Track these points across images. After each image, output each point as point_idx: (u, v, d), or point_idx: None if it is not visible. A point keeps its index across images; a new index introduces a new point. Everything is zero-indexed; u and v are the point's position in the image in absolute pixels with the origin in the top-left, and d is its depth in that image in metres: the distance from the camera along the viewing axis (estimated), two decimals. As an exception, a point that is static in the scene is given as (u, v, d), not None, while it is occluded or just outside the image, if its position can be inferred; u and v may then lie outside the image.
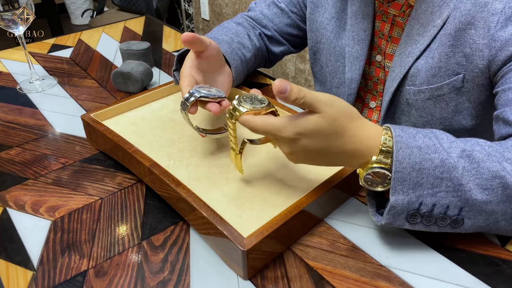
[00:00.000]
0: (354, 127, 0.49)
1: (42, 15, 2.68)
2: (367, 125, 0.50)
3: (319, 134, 0.48)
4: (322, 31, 0.84)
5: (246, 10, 0.89)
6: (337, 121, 0.48)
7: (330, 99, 0.48)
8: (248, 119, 0.51)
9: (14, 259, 0.54)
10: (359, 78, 0.80)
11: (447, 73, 0.67)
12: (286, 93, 0.46)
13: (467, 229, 0.51)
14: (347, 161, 0.51)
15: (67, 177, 0.67)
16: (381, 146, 0.49)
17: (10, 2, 0.82)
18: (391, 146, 0.49)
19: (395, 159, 0.48)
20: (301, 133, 0.48)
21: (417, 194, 0.48)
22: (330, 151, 0.50)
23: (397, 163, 0.48)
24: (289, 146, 0.50)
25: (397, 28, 0.74)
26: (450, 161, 0.48)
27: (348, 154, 0.50)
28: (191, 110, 0.59)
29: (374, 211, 0.53)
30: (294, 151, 0.51)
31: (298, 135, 0.48)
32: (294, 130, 0.48)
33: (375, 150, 0.49)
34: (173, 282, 0.50)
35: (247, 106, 0.52)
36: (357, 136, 0.49)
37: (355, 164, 0.51)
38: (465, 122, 0.71)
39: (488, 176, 0.48)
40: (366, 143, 0.49)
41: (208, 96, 0.59)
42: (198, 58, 0.64)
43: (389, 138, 0.49)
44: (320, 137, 0.48)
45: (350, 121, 0.49)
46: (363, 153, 0.50)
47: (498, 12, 0.61)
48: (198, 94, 0.59)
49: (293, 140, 0.49)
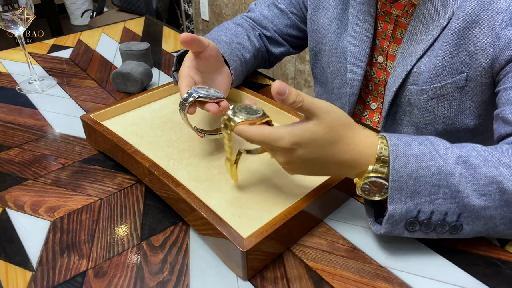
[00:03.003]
0: (350, 136, 0.49)
1: (42, 15, 2.68)
2: (363, 134, 0.50)
3: (316, 143, 0.48)
4: (324, 32, 0.84)
5: (245, 11, 0.89)
6: (334, 129, 0.48)
7: (328, 106, 0.48)
8: (244, 129, 0.50)
9: (13, 259, 0.54)
10: (360, 79, 0.80)
11: (451, 72, 0.67)
12: (284, 95, 0.45)
13: (466, 235, 0.51)
14: (343, 170, 0.51)
15: (67, 178, 0.67)
16: (377, 155, 0.49)
17: (10, 2, 0.82)
18: (387, 155, 0.49)
19: (391, 168, 0.48)
20: (297, 142, 0.48)
21: (415, 202, 0.48)
22: (326, 161, 0.50)
23: (394, 172, 0.47)
24: (285, 156, 0.50)
25: (400, 28, 0.74)
26: (447, 168, 0.48)
27: (344, 164, 0.50)
28: (189, 111, 0.59)
29: (372, 220, 0.53)
30: (290, 161, 0.50)
31: (294, 145, 0.48)
32: (290, 140, 0.48)
33: (371, 160, 0.49)
34: (173, 283, 0.50)
35: (242, 116, 0.51)
36: (353, 145, 0.49)
37: (352, 173, 0.51)
38: (468, 121, 0.71)
39: (485, 181, 0.48)
40: (362, 153, 0.49)
41: (206, 96, 0.59)
42: (197, 58, 0.64)
43: (384, 147, 0.49)
44: (317, 146, 0.48)
45: (347, 130, 0.49)
46: (359, 162, 0.50)
47: (503, 11, 0.61)
48: (197, 94, 0.59)
49: (289, 150, 0.49)
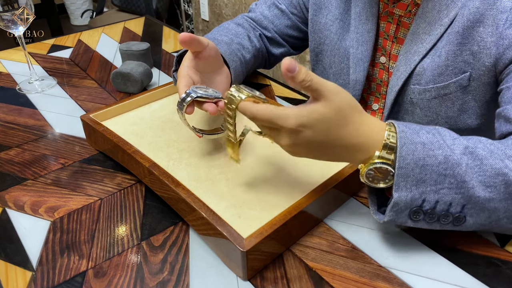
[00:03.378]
0: (358, 120, 0.48)
1: (42, 15, 2.68)
2: (371, 120, 0.50)
3: (323, 125, 0.47)
4: (326, 32, 0.84)
5: (246, 11, 0.89)
6: (342, 111, 0.47)
7: (337, 88, 0.47)
8: (249, 106, 0.49)
9: (13, 259, 0.54)
10: (363, 79, 0.80)
11: (454, 71, 0.67)
12: (294, 72, 0.44)
13: (469, 227, 0.50)
14: (349, 155, 0.50)
15: (67, 178, 0.67)
16: (384, 141, 0.48)
17: (10, 2, 0.82)
18: (394, 141, 0.48)
19: (399, 154, 0.47)
20: (304, 124, 0.46)
21: (420, 191, 0.48)
22: (333, 144, 0.49)
23: (401, 159, 0.47)
24: (290, 137, 0.48)
25: (403, 28, 0.74)
26: (454, 157, 0.48)
27: (350, 148, 0.49)
28: (187, 110, 0.59)
29: (375, 210, 0.53)
30: (295, 143, 0.49)
31: (300, 126, 0.46)
32: (298, 120, 0.46)
33: (378, 145, 0.49)
34: (173, 283, 0.50)
35: (246, 92, 0.50)
36: (361, 130, 0.48)
37: (357, 159, 0.50)
38: (470, 121, 0.71)
39: (491, 173, 0.48)
40: (369, 138, 0.49)
41: (204, 96, 0.59)
42: (196, 58, 0.64)
43: (392, 134, 0.49)
44: (323, 128, 0.47)
45: (354, 113, 0.48)
46: (366, 147, 0.49)
47: (507, 10, 0.61)
48: (195, 94, 0.58)
49: (295, 131, 0.47)
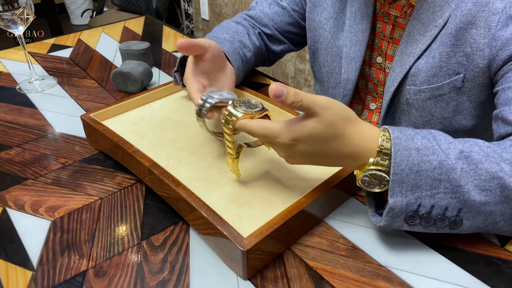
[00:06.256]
0: (351, 130, 0.49)
1: (42, 15, 2.68)
2: (364, 127, 0.50)
3: (316, 139, 0.48)
4: (320, 31, 0.84)
5: (246, 10, 0.89)
6: (334, 125, 0.48)
7: (328, 102, 0.48)
8: (245, 124, 0.51)
9: (13, 259, 0.54)
10: (355, 79, 0.80)
11: (448, 72, 0.67)
12: (282, 97, 0.45)
13: (466, 230, 0.51)
14: (345, 163, 0.52)
15: (67, 177, 0.67)
16: (378, 148, 0.49)
17: (10, 2, 0.82)
18: (388, 147, 0.49)
19: (393, 161, 0.48)
20: (297, 138, 0.48)
21: (416, 196, 0.48)
22: (327, 154, 0.50)
23: (395, 165, 0.48)
24: (285, 151, 0.51)
25: (399, 29, 0.74)
26: (449, 162, 0.48)
27: (345, 157, 0.50)
28: (208, 116, 0.59)
29: (373, 212, 0.53)
30: (290, 155, 0.51)
31: (294, 140, 0.49)
32: (290, 136, 0.48)
33: (372, 152, 0.49)
34: (173, 282, 0.50)
35: (242, 110, 0.52)
36: (354, 140, 0.49)
37: (353, 165, 0.52)
38: (465, 122, 0.71)
39: (487, 177, 0.48)
40: (363, 146, 0.49)
41: (221, 100, 0.59)
42: (200, 61, 0.64)
43: (386, 140, 0.49)
44: (317, 141, 0.49)
45: (348, 124, 0.49)
46: (361, 155, 0.50)
47: (499, 12, 0.61)
48: (212, 100, 0.58)
49: (289, 145, 0.49)
